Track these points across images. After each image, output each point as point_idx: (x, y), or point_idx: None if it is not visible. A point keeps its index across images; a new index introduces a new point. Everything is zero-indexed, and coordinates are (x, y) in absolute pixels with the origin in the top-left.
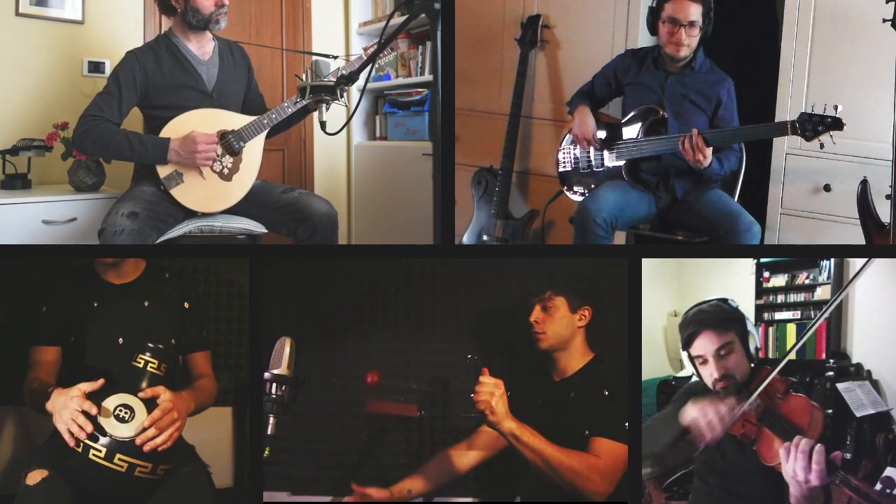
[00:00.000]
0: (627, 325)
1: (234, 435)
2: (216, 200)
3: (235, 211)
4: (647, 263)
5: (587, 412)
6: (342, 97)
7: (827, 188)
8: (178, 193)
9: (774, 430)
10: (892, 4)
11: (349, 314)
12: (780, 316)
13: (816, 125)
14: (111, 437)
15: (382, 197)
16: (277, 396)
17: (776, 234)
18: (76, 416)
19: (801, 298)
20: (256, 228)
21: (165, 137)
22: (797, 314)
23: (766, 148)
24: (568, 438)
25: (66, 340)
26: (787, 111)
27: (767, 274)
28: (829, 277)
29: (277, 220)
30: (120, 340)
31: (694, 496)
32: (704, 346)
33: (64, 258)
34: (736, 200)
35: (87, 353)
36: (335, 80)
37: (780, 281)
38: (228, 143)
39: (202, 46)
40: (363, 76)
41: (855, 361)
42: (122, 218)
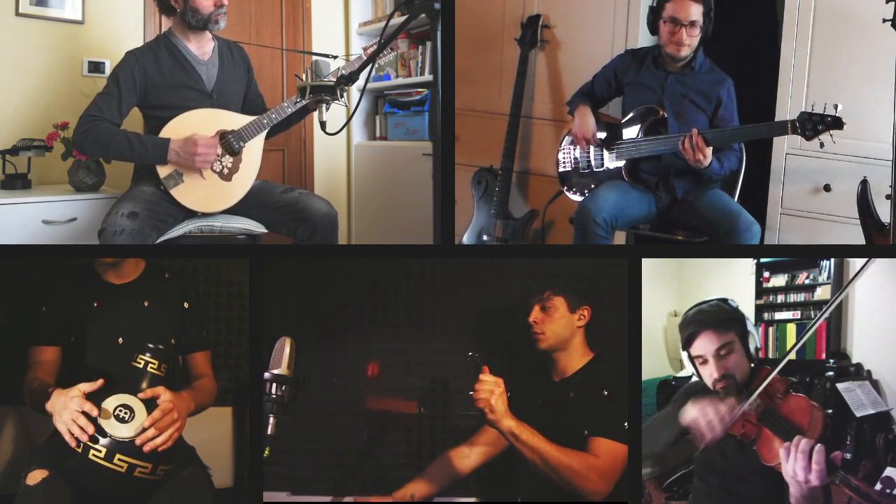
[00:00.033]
0: (627, 325)
1: (234, 435)
2: (216, 200)
3: (235, 211)
4: (646, 263)
5: (587, 412)
6: (342, 97)
7: (827, 188)
8: (177, 193)
9: (774, 430)
10: (892, 4)
11: (349, 314)
12: (780, 316)
13: (816, 124)
14: (111, 437)
15: (382, 197)
16: (277, 396)
17: (776, 234)
18: (77, 417)
19: (801, 298)
20: (256, 228)
21: (165, 138)
22: (797, 314)
23: (766, 148)
24: (567, 438)
25: (65, 340)
26: (787, 111)
27: (767, 274)
28: (829, 277)
29: (277, 220)
30: (120, 340)
31: (694, 496)
32: (704, 346)
33: (64, 258)
34: (736, 200)
35: (86, 353)
36: (335, 80)
37: (780, 281)
38: (228, 142)
39: (202, 46)
40: (363, 76)
41: (855, 361)
42: (122, 218)
